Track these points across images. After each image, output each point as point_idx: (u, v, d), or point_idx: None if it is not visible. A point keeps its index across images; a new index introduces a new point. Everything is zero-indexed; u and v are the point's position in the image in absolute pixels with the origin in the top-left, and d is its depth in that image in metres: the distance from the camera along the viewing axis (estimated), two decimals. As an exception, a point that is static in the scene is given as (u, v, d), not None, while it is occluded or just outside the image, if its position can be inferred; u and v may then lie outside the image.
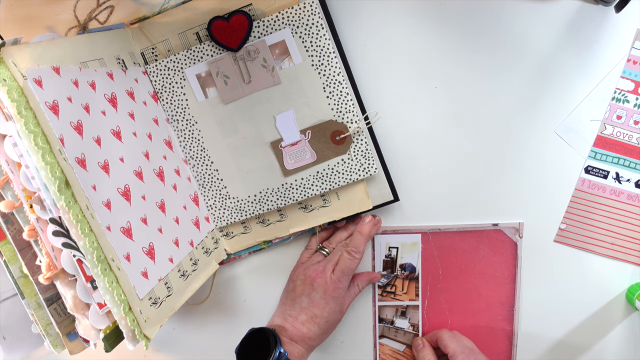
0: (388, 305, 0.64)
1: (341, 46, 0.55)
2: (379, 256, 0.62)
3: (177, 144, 0.59)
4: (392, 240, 0.62)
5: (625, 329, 0.61)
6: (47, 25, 0.57)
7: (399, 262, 0.62)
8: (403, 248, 0.62)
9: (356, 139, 0.56)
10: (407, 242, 0.62)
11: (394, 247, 0.62)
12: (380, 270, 0.63)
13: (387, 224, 0.62)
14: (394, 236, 0.62)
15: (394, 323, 0.64)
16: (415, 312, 0.63)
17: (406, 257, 0.62)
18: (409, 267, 0.62)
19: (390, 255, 0.62)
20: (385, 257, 0.62)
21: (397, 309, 0.64)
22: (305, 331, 0.55)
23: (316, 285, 0.56)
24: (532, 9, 0.55)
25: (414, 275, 0.63)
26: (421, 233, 0.61)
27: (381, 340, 0.65)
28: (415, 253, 0.62)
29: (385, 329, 0.64)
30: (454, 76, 0.57)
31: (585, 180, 0.58)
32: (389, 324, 0.64)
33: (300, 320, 0.56)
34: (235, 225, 0.61)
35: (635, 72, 0.56)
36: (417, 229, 0.61)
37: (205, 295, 0.65)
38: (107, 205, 0.44)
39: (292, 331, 0.55)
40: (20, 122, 0.38)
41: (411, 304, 0.63)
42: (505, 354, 0.63)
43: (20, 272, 0.48)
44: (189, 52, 0.55)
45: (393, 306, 0.64)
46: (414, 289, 0.63)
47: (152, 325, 0.46)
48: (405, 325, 0.64)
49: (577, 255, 0.60)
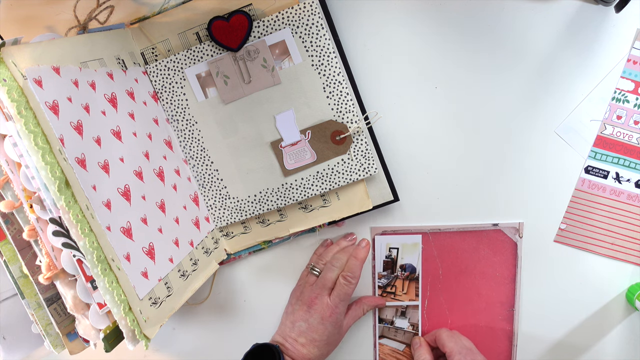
0: (388, 305, 0.64)
1: (341, 46, 0.55)
2: (379, 257, 0.62)
3: (177, 144, 0.59)
4: (393, 241, 0.62)
5: (625, 329, 0.61)
6: (47, 25, 0.57)
7: (399, 262, 0.62)
8: (403, 249, 0.62)
9: (356, 139, 0.56)
10: (407, 242, 0.62)
11: (394, 247, 0.62)
12: (381, 271, 0.63)
13: (387, 224, 0.62)
14: (394, 237, 0.62)
15: (394, 323, 0.64)
16: (415, 312, 0.63)
17: (406, 258, 0.62)
18: (409, 267, 0.62)
19: (390, 256, 0.62)
20: (385, 257, 0.62)
21: (397, 309, 0.64)
22: (305, 352, 0.57)
23: (313, 311, 0.57)
24: (532, 9, 0.55)
25: (414, 275, 0.63)
26: (421, 233, 0.61)
27: (381, 340, 0.65)
28: (415, 253, 0.62)
29: (385, 329, 0.64)
30: (454, 76, 0.57)
31: (585, 180, 0.58)
32: (388, 324, 0.64)
33: (300, 343, 0.57)
34: (235, 225, 0.61)
35: (635, 72, 0.56)
36: (417, 230, 0.61)
37: (205, 295, 0.65)
38: (107, 205, 0.44)
39: (293, 351, 0.57)
40: (20, 122, 0.38)
41: (411, 304, 0.63)
42: (505, 354, 0.63)
43: (20, 272, 0.48)
44: (189, 52, 0.55)
45: (393, 306, 0.64)
46: (414, 289, 0.63)
47: (152, 325, 0.46)
48: (405, 325, 0.64)
49: (577, 255, 0.60)
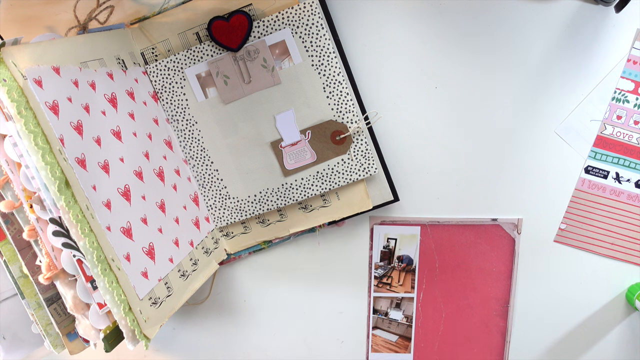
0: (383, 296, 0.64)
1: (341, 46, 0.55)
2: (377, 247, 0.62)
3: (177, 144, 0.59)
4: (391, 231, 0.62)
5: (625, 329, 0.61)
6: (47, 25, 0.57)
7: (396, 253, 0.62)
8: (401, 240, 0.62)
9: (356, 139, 0.56)
10: (405, 233, 0.62)
11: (392, 238, 0.62)
12: (378, 261, 0.63)
13: (386, 214, 0.62)
14: (393, 227, 0.62)
15: (388, 314, 0.64)
16: (410, 304, 0.63)
17: (404, 249, 0.62)
18: (407, 259, 0.62)
19: (388, 247, 0.62)
20: (383, 248, 0.62)
21: (392, 300, 0.64)
22: None
23: None
24: (532, 9, 0.55)
25: (411, 267, 0.62)
26: (420, 225, 0.61)
27: (374, 331, 0.65)
28: (413, 245, 0.62)
29: (379, 320, 0.64)
30: (454, 76, 0.57)
31: (585, 180, 0.58)
32: (383, 315, 0.64)
33: None
34: (235, 225, 0.61)
35: (635, 72, 0.56)
36: (416, 221, 0.61)
37: (205, 295, 0.65)
38: (107, 205, 0.44)
39: None
40: (20, 122, 0.38)
41: (406, 295, 0.63)
42: (498, 349, 0.63)
43: (20, 272, 0.48)
44: (189, 52, 0.55)
45: (388, 298, 0.64)
46: (410, 281, 0.63)
47: (152, 325, 0.46)
48: (399, 317, 0.64)
49: (577, 255, 0.60)
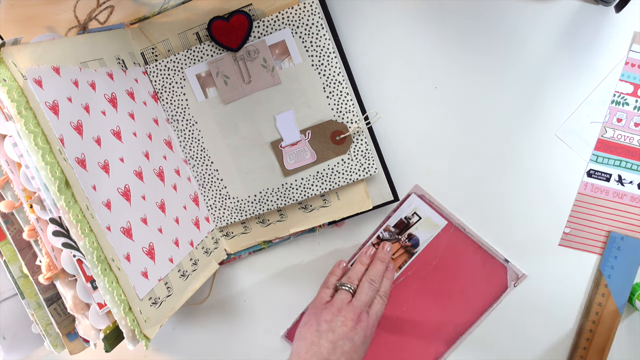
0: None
1: (341, 46, 0.55)
2: (400, 213, 0.61)
3: (177, 144, 0.59)
4: (423, 208, 0.61)
5: (625, 329, 0.61)
6: (47, 25, 0.57)
7: (410, 230, 0.61)
8: (424, 222, 0.61)
9: (356, 139, 0.56)
10: (432, 219, 0.61)
11: (418, 215, 0.61)
12: (391, 225, 0.61)
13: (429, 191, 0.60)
14: (426, 206, 0.60)
15: None
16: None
17: (419, 232, 0.61)
18: (415, 241, 0.62)
19: (409, 220, 0.61)
20: (404, 218, 0.61)
21: None
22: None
23: (359, 329, 0.54)
24: (532, 9, 0.55)
25: (413, 250, 0.62)
26: (448, 221, 0.60)
27: None
28: (429, 233, 0.61)
29: None
30: (454, 76, 0.57)
31: (588, 183, 0.58)
32: None
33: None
34: (235, 225, 0.61)
35: (634, 75, 0.56)
36: (448, 215, 0.60)
37: (205, 295, 0.65)
38: (107, 205, 0.44)
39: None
40: (20, 122, 0.38)
41: None
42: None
43: (20, 272, 0.48)
44: (189, 52, 0.55)
45: None
46: (402, 262, 0.62)
47: (152, 325, 0.46)
48: None
49: (581, 257, 0.60)
